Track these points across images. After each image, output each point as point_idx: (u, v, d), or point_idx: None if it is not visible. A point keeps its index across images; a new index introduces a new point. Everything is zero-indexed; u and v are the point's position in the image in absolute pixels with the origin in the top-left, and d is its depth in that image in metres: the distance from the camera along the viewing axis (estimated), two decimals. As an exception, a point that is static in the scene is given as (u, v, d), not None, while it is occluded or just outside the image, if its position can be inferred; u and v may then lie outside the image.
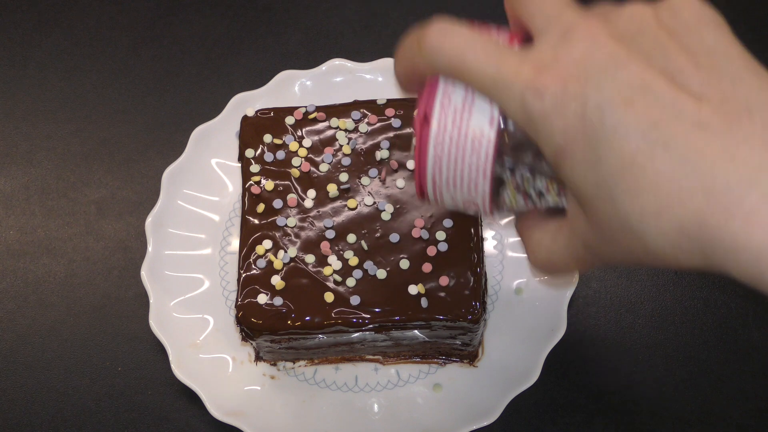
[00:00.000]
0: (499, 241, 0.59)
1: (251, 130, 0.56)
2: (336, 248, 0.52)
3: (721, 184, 0.29)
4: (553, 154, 0.33)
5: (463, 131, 0.35)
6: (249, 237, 0.53)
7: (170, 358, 0.56)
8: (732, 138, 0.30)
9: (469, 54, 0.34)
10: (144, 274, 0.58)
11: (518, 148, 0.35)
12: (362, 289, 0.51)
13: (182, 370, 0.55)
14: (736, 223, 0.29)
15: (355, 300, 0.51)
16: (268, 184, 0.54)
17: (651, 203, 0.30)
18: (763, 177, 0.29)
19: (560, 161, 0.33)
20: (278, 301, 0.51)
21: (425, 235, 0.52)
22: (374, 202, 0.53)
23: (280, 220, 0.53)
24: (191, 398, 0.56)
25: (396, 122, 0.55)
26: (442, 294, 0.51)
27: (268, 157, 0.55)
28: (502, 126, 0.35)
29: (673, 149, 0.30)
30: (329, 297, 0.51)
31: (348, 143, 0.55)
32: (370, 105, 0.56)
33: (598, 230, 0.33)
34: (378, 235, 0.53)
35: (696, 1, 0.33)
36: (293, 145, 0.55)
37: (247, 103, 0.61)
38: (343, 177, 0.54)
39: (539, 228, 0.38)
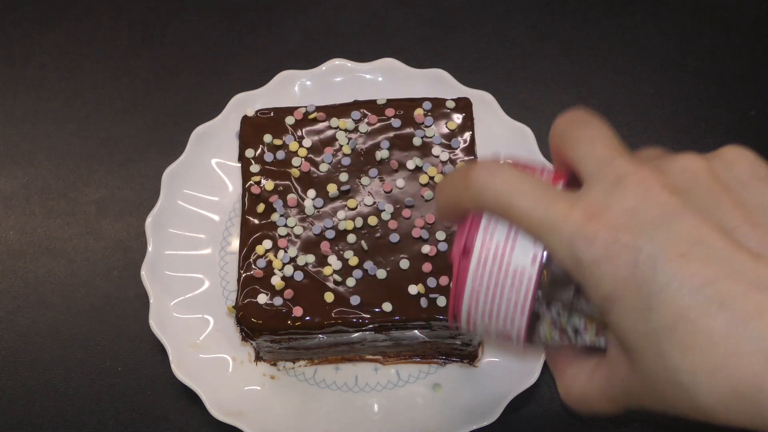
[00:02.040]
0: (499, 241, 0.59)
1: (251, 130, 0.56)
2: (336, 248, 0.52)
3: None
4: (601, 301, 0.32)
5: (504, 267, 0.35)
6: (249, 237, 0.53)
7: (170, 358, 0.56)
8: None
9: (517, 195, 0.33)
10: (144, 274, 0.58)
11: (557, 285, 0.35)
12: (362, 289, 0.51)
13: (182, 370, 0.55)
14: None
15: (355, 300, 0.51)
16: (268, 184, 0.54)
17: (704, 361, 0.30)
18: None
19: (609, 308, 0.32)
20: (278, 301, 0.51)
21: (425, 235, 0.52)
22: (374, 202, 0.53)
23: (280, 220, 0.53)
24: (191, 398, 0.56)
25: (396, 122, 0.55)
26: (442, 294, 0.51)
27: (268, 157, 0.55)
28: (544, 264, 0.35)
29: (729, 308, 0.29)
30: (329, 297, 0.51)
31: (348, 143, 0.55)
32: (370, 105, 0.56)
33: (643, 380, 0.33)
34: (378, 235, 0.53)
35: (750, 155, 0.33)
36: (293, 145, 0.55)
37: (247, 103, 0.61)
38: (343, 177, 0.54)
39: (574, 364, 0.38)
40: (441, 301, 0.50)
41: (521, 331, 0.37)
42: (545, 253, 0.35)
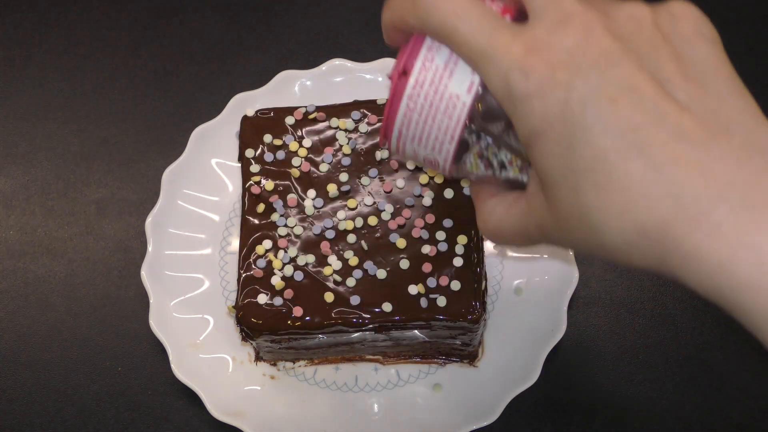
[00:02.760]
0: (499, 241, 0.59)
1: (251, 130, 0.56)
2: (336, 248, 0.52)
3: (690, 196, 0.30)
4: (526, 135, 0.33)
5: (440, 92, 0.36)
6: (249, 237, 0.53)
7: (170, 358, 0.56)
8: (708, 152, 0.30)
9: (462, 20, 0.34)
10: (144, 274, 0.58)
11: (489, 117, 0.36)
12: (362, 289, 0.51)
13: (182, 370, 0.55)
14: (700, 234, 0.30)
15: (355, 300, 0.51)
16: (268, 184, 0.54)
17: (616, 202, 0.31)
18: (732, 194, 0.29)
19: (533, 143, 0.33)
20: (278, 301, 0.51)
21: (425, 235, 0.52)
22: (374, 202, 0.53)
23: (280, 220, 0.53)
24: (191, 398, 0.56)
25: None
26: (442, 294, 0.51)
27: (268, 157, 0.55)
28: (479, 94, 0.35)
29: (648, 154, 0.30)
30: (329, 297, 0.51)
31: (348, 143, 0.55)
32: (370, 105, 0.56)
33: (556, 216, 0.34)
34: (378, 235, 0.53)
35: (696, 11, 0.34)
36: (293, 145, 0.55)
37: (247, 103, 0.61)
38: (343, 177, 0.54)
39: (495, 196, 0.39)
40: (441, 301, 0.50)
41: (449, 158, 0.37)
42: (481, 83, 0.35)
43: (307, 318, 0.51)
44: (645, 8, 0.34)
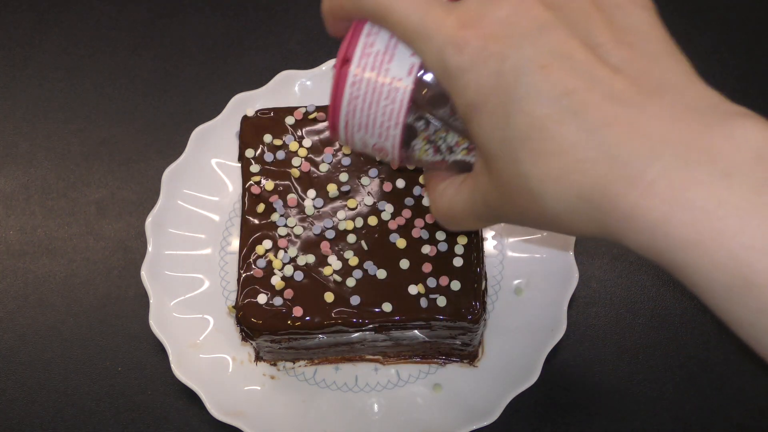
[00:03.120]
0: (499, 241, 0.59)
1: (251, 130, 0.56)
2: (336, 248, 0.52)
3: (624, 156, 0.30)
4: (464, 109, 0.33)
5: (381, 77, 0.36)
6: (249, 237, 0.53)
7: (170, 358, 0.56)
8: (641, 113, 0.30)
9: (395, 0, 0.34)
10: (144, 274, 0.58)
11: (435, 101, 0.36)
12: (362, 289, 0.51)
13: (182, 370, 0.55)
14: (636, 193, 0.30)
15: (355, 300, 0.51)
16: (268, 184, 0.54)
17: (553, 168, 0.31)
18: (665, 152, 0.30)
19: (470, 116, 0.33)
20: (278, 301, 0.51)
21: (425, 235, 0.52)
22: (374, 202, 0.53)
23: (280, 220, 0.53)
24: (191, 398, 0.56)
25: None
26: (442, 294, 0.51)
27: (268, 157, 0.55)
28: (421, 76, 0.35)
29: (582, 118, 0.31)
30: (329, 297, 0.51)
31: (348, 143, 0.55)
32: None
33: (499, 188, 0.34)
34: (378, 235, 0.53)
35: None
36: (293, 145, 0.55)
37: (247, 103, 0.61)
38: (343, 177, 0.54)
39: (444, 180, 0.39)
40: (441, 301, 0.50)
41: (396, 144, 0.37)
42: (422, 65, 0.35)
43: (307, 318, 0.51)
44: None
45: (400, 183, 0.54)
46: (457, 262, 0.51)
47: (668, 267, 0.30)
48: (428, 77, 0.35)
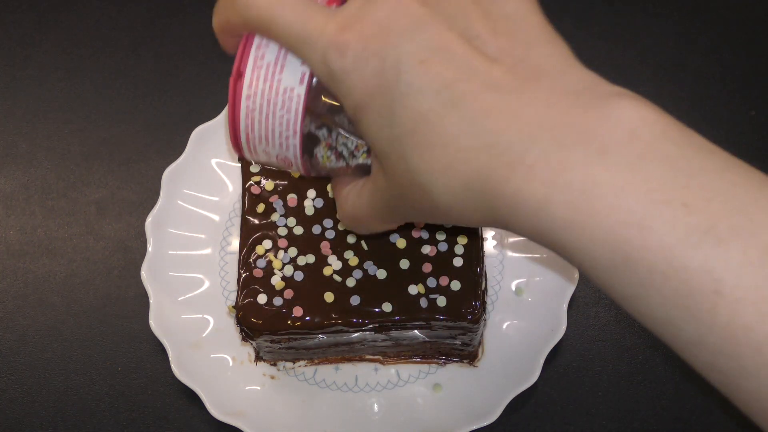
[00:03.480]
0: (499, 241, 0.59)
1: (251, 130, 0.56)
2: (336, 248, 0.52)
3: (504, 142, 0.30)
4: (352, 111, 0.34)
5: (274, 87, 0.36)
6: (249, 237, 0.53)
7: (170, 358, 0.56)
8: (518, 99, 0.31)
9: (277, 9, 0.34)
10: (144, 274, 0.58)
11: (330, 107, 0.36)
12: (362, 289, 0.51)
13: (182, 370, 0.55)
14: (517, 178, 0.30)
15: (355, 300, 0.51)
16: (268, 184, 0.54)
17: (439, 160, 0.32)
18: (543, 135, 0.30)
19: (359, 117, 0.34)
20: (278, 301, 0.51)
21: (425, 235, 0.52)
22: (374, 202, 0.53)
23: (280, 220, 0.53)
24: (191, 398, 0.56)
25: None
26: (442, 294, 0.51)
27: (268, 157, 0.55)
28: (313, 83, 0.36)
29: (462, 108, 0.31)
30: (329, 297, 0.51)
31: (348, 143, 0.55)
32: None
33: (394, 186, 0.34)
34: (378, 235, 0.53)
35: None
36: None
37: (247, 103, 0.61)
38: (343, 177, 0.54)
39: (348, 184, 0.40)
40: (441, 301, 0.50)
41: (297, 153, 0.38)
42: (312, 72, 0.35)
43: (307, 318, 0.51)
44: None
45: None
46: (457, 262, 0.51)
47: (553, 247, 0.31)
48: (319, 83, 0.36)
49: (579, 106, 0.31)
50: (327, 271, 0.52)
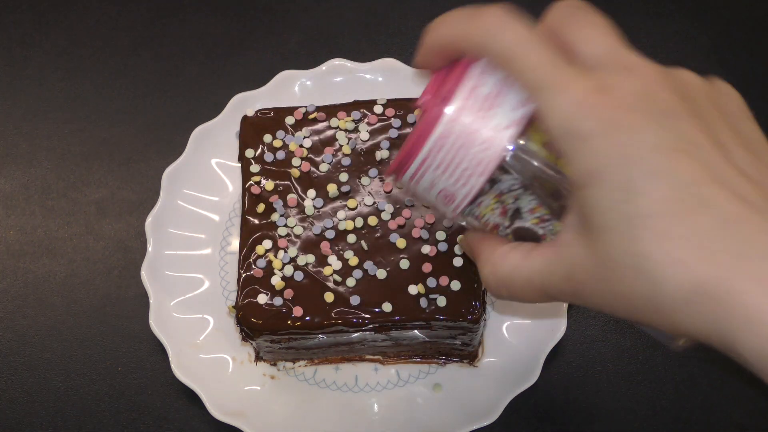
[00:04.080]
0: (499, 241, 0.59)
1: (251, 130, 0.56)
2: (336, 248, 0.52)
3: (757, 255, 0.29)
4: (582, 175, 0.32)
5: (480, 124, 0.34)
6: (249, 237, 0.53)
7: (170, 358, 0.56)
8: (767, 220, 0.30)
9: (525, 48, 0.33)
10: (144, 274, 0.58)
11: (528, 157, 0.35)
12: (362, 289, 0.51)
13: (182, 370, 0.55)
14: (761, 293, 0.28)
15: (355, 300, 0.51)
16: (268, 184, 0.54)
17: (675, 251, 0.30)
18: None
19: (587, 184, 0.32)
20: (278, 301, 0.51)
21: (425, 235, 0.52)
22: (374, 202, 0.53)
23: (280, 220, 0.53)
24: (191, 398, 0.56)
25: (396, 122, 0.55)
26: (442, 294, 0.51)
27: (268, 157, 0.55)
28: (522, 130, 0.34)
29: (712, 209, 0.30)
30: (329, 297, 0.51)
31: (348, 143, 0.55)
32: (370, 105, 0.56)
33: (599, 264, 0.32)
34: (378, 235, 0.53)
35: (739, 95, 0.35)
36: (293, 145, 0.55)
37: (247, 103, 0.61)
38: (343, 177, 0.54)
39: (503, 244, 0.38)
40: (441, 301, 0.50)
41: (471, 193, 0.36)
42: (525, 119, 0.34)
43: (307, 318, 0.51)
44: (698, 77, 0.34)
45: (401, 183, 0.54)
46: (457, 262, 0.51)
47: None
48: (529, 133, 0.34)
49: None
50: (327, 271, 0.52)
